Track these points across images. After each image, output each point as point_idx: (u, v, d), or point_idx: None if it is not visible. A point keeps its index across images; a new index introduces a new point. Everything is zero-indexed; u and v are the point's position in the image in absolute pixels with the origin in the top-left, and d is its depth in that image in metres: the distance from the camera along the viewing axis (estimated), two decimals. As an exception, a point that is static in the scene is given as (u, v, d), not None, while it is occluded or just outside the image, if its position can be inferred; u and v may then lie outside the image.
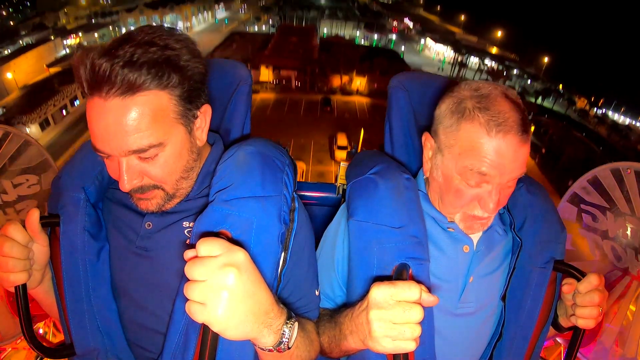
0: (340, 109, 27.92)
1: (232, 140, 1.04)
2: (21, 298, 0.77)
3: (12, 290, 0.77)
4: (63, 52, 31.36)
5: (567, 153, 22.84)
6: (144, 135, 0.69)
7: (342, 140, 20.70)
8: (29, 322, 0.79)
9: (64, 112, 23.54)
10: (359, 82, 31.77)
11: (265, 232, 0.71)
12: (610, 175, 1.36)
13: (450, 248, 0.90)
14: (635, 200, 1.29)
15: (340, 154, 19.99)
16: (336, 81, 31.65)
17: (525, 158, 0.80)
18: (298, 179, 0.84)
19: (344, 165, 1.23)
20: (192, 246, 0.57)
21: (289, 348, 0.64)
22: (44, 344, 0.84)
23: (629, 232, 1.31)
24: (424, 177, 0.95)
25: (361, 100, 30.00)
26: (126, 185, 0.72)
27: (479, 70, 36.61)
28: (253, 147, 0.80)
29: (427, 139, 0.89)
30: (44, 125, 21.68)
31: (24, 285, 0.77)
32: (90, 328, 0.83)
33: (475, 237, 0.91)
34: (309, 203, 1.34)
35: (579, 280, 0.85)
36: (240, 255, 0.56)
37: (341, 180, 1.28)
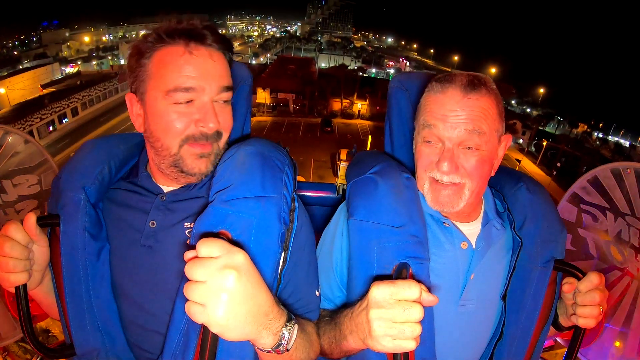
0: (341, 130, 27.29)
1: (232, 140, 1.05)
2: (21, 298, 0.77)
3: (13, 290, 0.77)
4: (60, 77, 31.35)
5: (580, 171, 23.12)
6: (229, 78, 0.84)
7: (345, 155, 20.09)
8: (29, 322, 0.79)
9: (51, 128, 23.15)
10: (360, 106, 30.99)
11: (265, 232, 0.71)
12: (610, 175, 1.36)
13: (448, 245, 0.90)
14: (635, 200, 1.29)
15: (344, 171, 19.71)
16: (336, 105, 30.83)
17: (476, 114, 0.82)
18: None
19: (344, 165, 1.23)
20: (193, 247, 0.57)
21: (287, 350, 0.64)
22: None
23: (629, 232, 1.31)
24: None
25: (363, 123, 29.34)
26: (212, 124, 0.79)
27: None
28: (253, 147, 0.80)
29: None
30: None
31: (24, 286, 0.77)
32: (90, 328, 0.83)
33: (474, 235, 0.91)
34: (309, 203, 1.34)
35: (579, 279, 0.85)
36: (240, 257, 0.56)
37: (341, 180, 1.28)
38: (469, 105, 0.82)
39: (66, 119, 24.43)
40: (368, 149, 18.39)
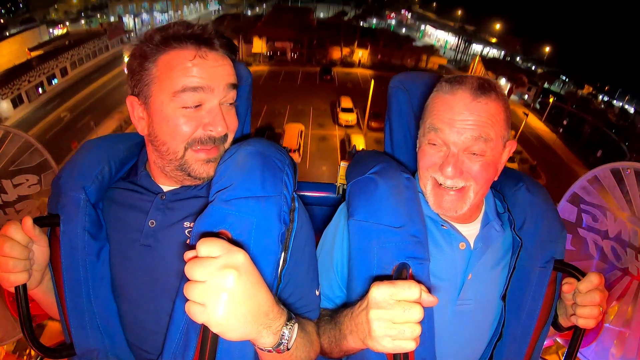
0: (341, 79, 26.03)
1: (232, 140, 1.05)
2: (21, 298, 0.77)
3: (12, 290, 0.77)
4: (47, 39, 29.87)
5: (586, 130, 22.91)
6: (235, 77, 0.84)
7: (346, 102, 18.97)
8: (29, 322, 0.79)
9: (40, 90, 22.19)
10: (361, 54, 29.53)
11: (265, 232, 0.71)
12: (610, 175, 1.36)
13: (446, 246, 0.90)
14: (635, 200, 1.29)
15: (345, 117, 18.29)
16: (336, 53, 29.40)
17: (483, 120, 0.81)
18: (297, 140, 0.87)
19: (344, 165, 1.23)
20: (193, 247, 0.57)
21: (288, 349, 0.64)
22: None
23: (629, 232, 1.31)
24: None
25: (364, 72, 27.99)
26: (220, 127, 0.79)
27: (482, 57, 35.39)
28: (253, 147, 0.80)
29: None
30: (16, 102, 20.19)
31: (24, 286, 0.77)
32: (90, 328, 0.83)
33: (472, 235, 0.91)
34: (309, 203, 1.34)
35: (579, 279, 0.85)
36: (240, 257, 0.56)
37: (341, 180, 1.28)
38: (477, 110, 0.81)
39: (56, 80, 23.60)
40: (370, 97, 17.44)
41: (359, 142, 15.76)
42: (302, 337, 0.74)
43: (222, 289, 0.54)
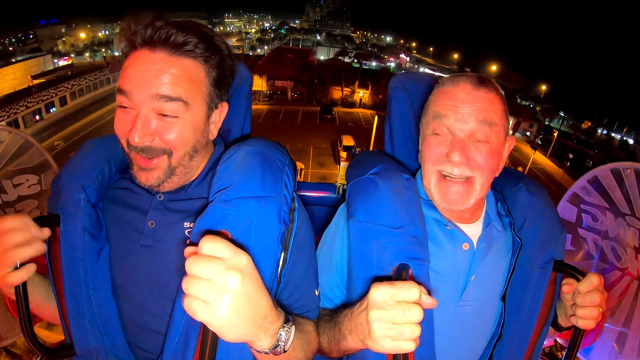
0: (342, 118, 25.88)
1: (232, 140, 1.04)
2: (21, 298, 0.77)
3: (12, 289, 0.77)
4: (52, 67, 30.48)
5: (591, 163, 23.16)
6: (175, 88, 0.73)
7: (348, 140, 18.48)
8: (29, 322, 0.79)
9: (37, 117, 22.40)
10: (362, 94, 29.55)
11: (265, 232, 0.71)
12: (610, 175, 1.36)
13: (450, 246, 0.90)
14: (635, 200, 1.29)
15: (347, 155, 17.59)
16: (337, 93, 29.37)
17: (485, 106, 0.84)
18: (296, 179, 0.86)
19: (344, 165, 1.23)
20: (193, 245, 0.57)
21: (285, 351, 0.64)
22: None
23: (629, 232, 1.31)
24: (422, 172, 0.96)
25: (365, 112, 27.99)
26: (136, 137, 0.72)
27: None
28: (253, 147, 0.80)
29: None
30: (12, 126, 20.19)
31: (24, 285, 0.77)
32: (90, 328, 0.82)
33: (475, 236, 0.91)
34: (309, 203, 1.34)
35: (578, 280, 0.85)
36: (244, 260, 0.56)
37: (341, 180, 1.28)
38: (479, 97, 0.84)
39: (54, 109, 23.77)
40: (373, 134, 17.14)
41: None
42: (300, 338, 0.74)
43: (227, 290, 0.54)
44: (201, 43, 0.75)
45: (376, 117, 18.57)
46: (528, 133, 29.04)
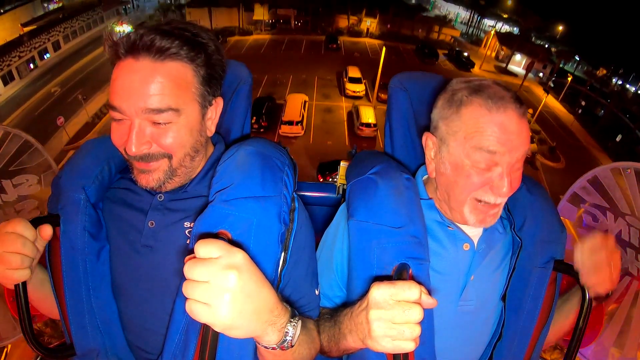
0: (348, 48, 24.41)
1: (232, 140, 1.05)
2: (21, 298, 0.77)
3: (12, 288, 0.77)
4: (42, 14, 28.24)
5: (603, 113, 22.21)
6: (164, 98, 0.72)
7: (354, 72, 17.58)
8: (29, 322, 0.79)
9: (32, 65, 21.45)
10: (369, 23, 27.77)
11: (265, 232, 0.71)
12: (610, 175, 1.36)
13: (451, 246, 0.90)
14: (635, 200, 1.29)
15: (353, 87, 16.88)
16: (343, 22, 27.53)
17: (528, 133, 0.80)
18: (300, 111, 0.84)
19: (344, 165, 1.23)
20: (192, 251, 0.57)
21: (292, 346, 0.64)
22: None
23: (629, 232, 1.31)
24: (425, 177, 0.95)
25: (372, 42, 26.33)
26: (133, 147, 0.72)
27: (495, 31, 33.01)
28: (253, 147, 0.80)
29: (427, 138, 0.89)
30: (6, 79, 19.44)
31: (24, 285, 0.77)
32: (90, 328, 0.83)
33: (476, 236, 0.91)
34: (309, 203, 1.34)
35: (578, 280, 0.85)
36: (239, 256, 0.56)
37: (341, 180, 1.28)
38: (525, 127, 0.79)
39: (48, 55, 22.90)
40: (380, 66, 16.25)
41: (368, 115, 14.84)
42: (305, 334, 0.74)
43: (225, 289, 0.54)
44: (185, 44, 0.74)
45: (384, 48, 17.43)
46: (541, 74, 27.37)
